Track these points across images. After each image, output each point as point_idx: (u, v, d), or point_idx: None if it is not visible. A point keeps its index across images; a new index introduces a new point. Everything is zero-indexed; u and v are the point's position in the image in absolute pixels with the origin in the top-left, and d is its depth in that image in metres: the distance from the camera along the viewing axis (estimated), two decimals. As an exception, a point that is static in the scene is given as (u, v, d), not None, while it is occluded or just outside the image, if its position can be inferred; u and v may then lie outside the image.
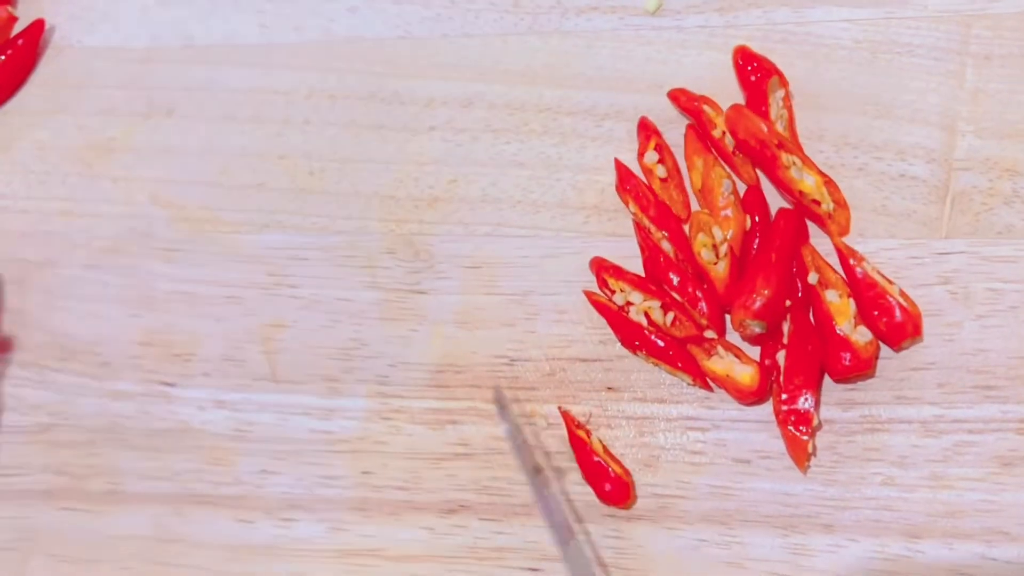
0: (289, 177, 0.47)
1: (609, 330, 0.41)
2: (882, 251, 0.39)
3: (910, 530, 0.36)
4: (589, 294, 0.41)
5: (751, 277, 0.39)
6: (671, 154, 0.43)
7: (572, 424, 0.40)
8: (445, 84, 0.47)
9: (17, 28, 0.53)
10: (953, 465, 0.37)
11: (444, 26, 0.48)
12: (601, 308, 0.41)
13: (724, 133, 0.42)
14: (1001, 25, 0.42)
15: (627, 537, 0.38)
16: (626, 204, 0.43)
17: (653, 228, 0.41)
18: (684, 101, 0.43)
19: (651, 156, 0.43)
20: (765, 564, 0.37)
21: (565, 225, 0.43)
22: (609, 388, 0.40)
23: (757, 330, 0.38)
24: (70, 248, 0.48)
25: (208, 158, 0.48)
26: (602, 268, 0.41)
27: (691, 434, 0.39)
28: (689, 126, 0.43)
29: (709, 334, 0.39)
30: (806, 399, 0.37)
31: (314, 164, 0.47)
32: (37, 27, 0.53)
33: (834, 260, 0.40)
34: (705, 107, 0.43)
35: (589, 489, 0.39)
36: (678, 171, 0.43)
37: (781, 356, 0.38)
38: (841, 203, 0.40)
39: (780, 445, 0.38)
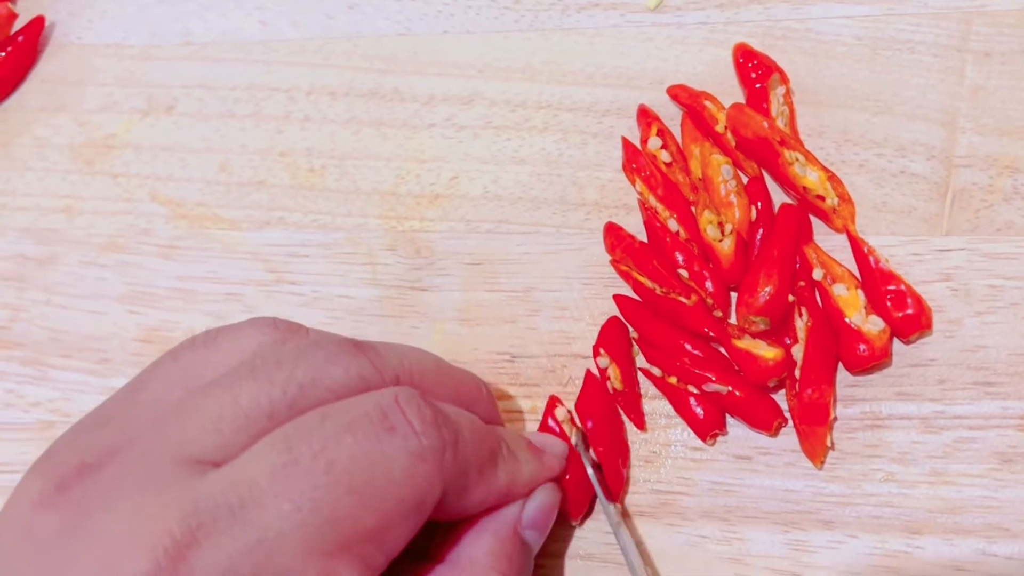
0: (289, 174, 0.47)
1: (610, 326, 0.41)
2: (883, 248, 0.39)
3: (910, 526, 0.36)
4: (618, 298, 0.41)
5: (753, 273, 0.39)
6: (674, 138, 0.43)
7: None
8: (446, 81, 0.47)
9: (17, 25, 0.53)
10: (953, 461, 0.36)
11: (444, 23, 0.48)
12: (629, 312, 0.41)
13: (726, 129, 0.42)
14: (1001, 22, 0.42)
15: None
16: (632, 183, 0.42)
17: (660, 207, 0.41)
18: (684, 97, 0.43)
19: (655, 142, 0.42)
20: (766, 560, 0.37)
21: (566, 221, 0.43)
22: (610, 385, 0.40)
23: (762, 326, 0.38)
24: (69, 245, 0.48)
25: (208, 155, 0.48)
26: (618, 243, 0.41)
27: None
28: (684, 115, 0.43)
29: (716, 314, 0.39)
30: (822, 393, 0.37)
31: (314, 161, 0.47)
32: (37, 24, 0.53)
33: (838, 256, 0.40)
34: (706, 103, 0.43)
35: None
36: (682, 155, 0.43)
37: (795, 352, 0.38)
38: (845, 198, 0.40)
39: (781, 442, 0.38)
